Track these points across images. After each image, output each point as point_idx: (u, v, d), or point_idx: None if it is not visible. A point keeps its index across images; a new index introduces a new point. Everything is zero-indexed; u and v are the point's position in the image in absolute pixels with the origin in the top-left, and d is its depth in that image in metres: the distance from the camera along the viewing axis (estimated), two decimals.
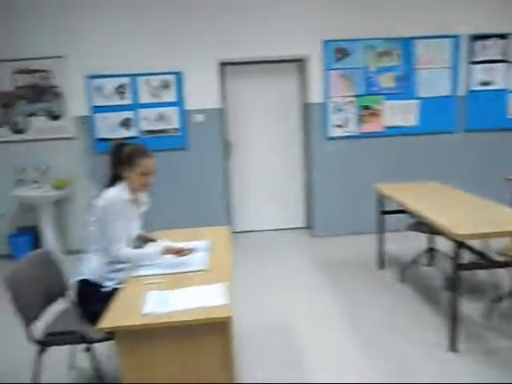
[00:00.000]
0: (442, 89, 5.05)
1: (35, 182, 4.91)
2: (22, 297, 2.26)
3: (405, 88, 5.04)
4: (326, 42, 4.90)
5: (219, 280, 2.11)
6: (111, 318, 1.84)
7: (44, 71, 4.81)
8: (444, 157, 5.16)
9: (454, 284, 2.74)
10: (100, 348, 2.44)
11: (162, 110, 4.91)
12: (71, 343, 2.32)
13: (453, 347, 2.79)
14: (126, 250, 2.41)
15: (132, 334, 1.80)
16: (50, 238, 4.90)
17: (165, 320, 1.78)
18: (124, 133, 4.92)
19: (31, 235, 5.05)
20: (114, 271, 2.47)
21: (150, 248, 2.52)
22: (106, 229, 2.37)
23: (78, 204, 5.11)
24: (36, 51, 4.75)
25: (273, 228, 5.56)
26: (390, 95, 5.04)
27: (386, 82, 5.02)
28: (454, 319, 2.77)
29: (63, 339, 2.31)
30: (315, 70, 4.97)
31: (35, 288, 2.39)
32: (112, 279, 2.45)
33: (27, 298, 2.29)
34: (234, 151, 5.39)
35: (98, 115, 4.91)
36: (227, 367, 1.84)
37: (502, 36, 5.03)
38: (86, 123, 4.93)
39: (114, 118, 4.92)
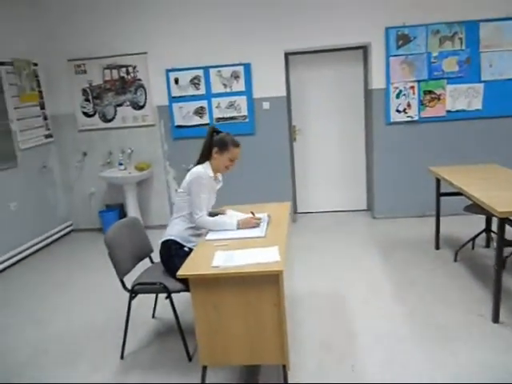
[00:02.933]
0: (508, 71, 5.00)
1: (121, 164, 5.58)
2: (117, 253, 2.80)
3: (469, 71, 5.05)
4: (388, 29, 5.04)
5: (274, 244, 2.49)
6: (188, 269, 2.29)
7: (129, 66, 5.43)
8: (507, 140, 5.11)
9: (498, 259, 2.91)
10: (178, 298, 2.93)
11: (232, 98, 5.36)
12: (155, 292, 2.83)
13: (495, 318, 2.96)
14: (207, 218, 2.87)
15: (203, 281, 2.24)
16: (133, 214, 5.55)
17: (229, 271, 2.20)
18: (198, 120, 5.43)
19: (118, 211, 5.75)
20: (194, 235, 2.95)
21: (227, 218, 2.94)
22: (193, 198, 2.85)
23: (157, 184, 5.73)
24: (122, 49, 5.38)
25: (334, 210, 5.84)
26: (453, 79, 5.08)
27: (449, 66, 5.06)
28: (497, 292, 2.94)
29: (149, 288, 2.83)
30: (377, 56, 5.14)
31: (127, 247, 2.93)
32: (192, 241, 2.93)
33: (121, 255, 2.83)
34: (298, 136, 5.73)
35: (175, 105, 5.46)
36: (279, 314, 2.22)
37: None
38: (165, 112, 5.50)
39: (189, 107, 5.44)
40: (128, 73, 5.46)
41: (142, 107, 5.54)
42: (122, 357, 2.90)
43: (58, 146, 5.77)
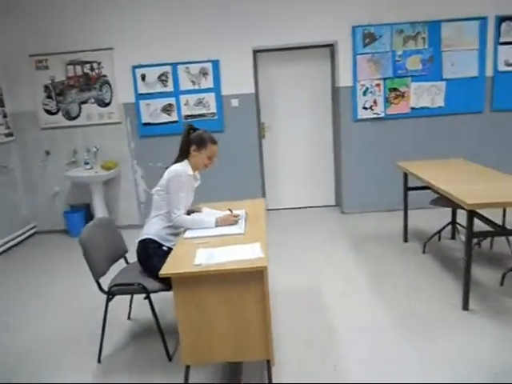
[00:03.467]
0: (469, 70, 5.21)
1: (86, 163, 5.41)
2: (93, 254, 2.72)
3: (431, 70, 5.22)
4: (354, 28, 5.14)
5: (255, 241, 2.50)
6: (169, 267, 2.26)
7: (94, 62, 5.28)
8: (470, 136, 5.33)
9: (467, 249, 3.03)
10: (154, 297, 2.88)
11: (200, 95, 5.31)
12: (133, 293, 2.77)
13: (465, 306, 3.10)
14: (185, 216, 2.84)
15: (186, 279, 2.21)
16: (100, 215, 5.40)
17: (212, 269, 2.18)
18: (166, 118, 5.35)
19: (84, 212, 5.59)
20: (172, 234, 2.91)
21: (205, 216, 2.91)
22: (171, 197, 2.80)
23: (125, 183, 5.61)
24: (86, 44, 5.21)
25: (303, 206, 5.91)
26: (417, 77, 5.24)
27: (413, 64, 5.22)
28: (467, 281, 3.06)
29: (127, 289, 2.76)
30: (344, 54, 5.23)
31: (102, 248, 2.86)
32: (170, 241, 2.89)
33: (96, 256, 2.75)
34: (267, 133, 5.75)
35: (142, 102, 5.35)
36: (264, 310, 2.23)
37: None
38: (132, 110, 5.38)
39: (157, 105, 5.35)
40: (92, 69, 5.31)
41: (107, 104, 5.40)
42: (99, 360, 2.82)
43: (19, 145, 5.53)
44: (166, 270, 2.23)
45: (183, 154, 2.94)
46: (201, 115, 5.35)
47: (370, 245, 4.50)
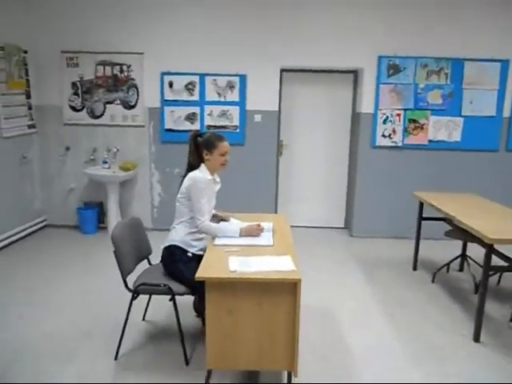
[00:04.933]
0: (487, 109, 5.36)
1: (105, 162, 5.48)
2: (123, 252, 2.77)
3: (451, 105, 5.37)
4: (380, 58, 5.29)
5: (285, 253, 2.57)
6: (204, 272, 2.32)
7: (124, 65, 5.39)
8: (484, 173, 5.45)
9: (483, 282, 3.11)
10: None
11: (225, 107, 5.42)
12: (159, 293, 2.80)
13: (476, 338, 3.16)
14: (210, 223, 2.90)
15: (220, 285, 2.28)
16: (113, 214, 5.46)
17: (248, 276, 2.25)
18: (189, 126, 5.44)
19: (97, 210, 5.64)
20: (196, 240, 2.96)
21: (230, 225, 2.99)
22: (194, 203, 2.86)
23: (141, 186, 5.67)
24: (118, 46, 5.33)
25: (312, 225, 5.98)
26: (436, 111, 5.38)
27: (434, 98, 5.37)
28: (479, 314, 3.14)
29: (153, 289, 2.81)
30: (368, 82, 5.37)
31: (130, 247, 2.91)
32: (194, 246, 2.95)
33: (126, 254, 2.81)
34: (284, 151, 5.85)
35: (167, 108, 5.45)
36: (294, 322, 2.29)
37: None
38: (156, 114, 5.48)
39: (181, 112, 5.45)
40: (122, 71, 5.42)
41: (132, 107, 5.50)
42: (116, 357, 2.86)
43: (40, 138, 5.60)
44: (201, 274, 2.29)
45: (196, 162, 2.96)
46: (223, 127, 5.45)
47: (380, 270, 4.57)
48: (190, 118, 5.46)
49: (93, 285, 4.02)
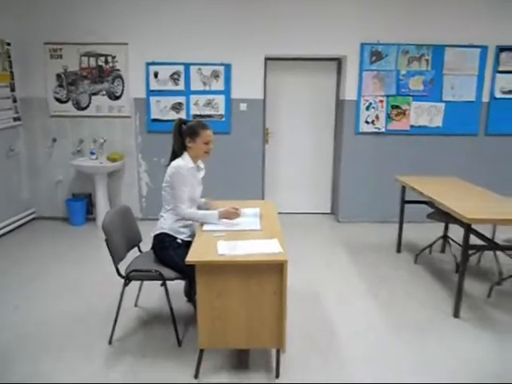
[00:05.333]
0: (467, 94, 5.49)
1: (92, 153, 5.51)
2: (114, 240, 2.85)
3: (432, 91, 5.49)
4: (363, 45, 5.37)
5: (272, 237, 2.66)
6: (195, 256, 2.41)
7: (108, 56, 5.39)
8: (465, 157, 5.61)
9: (463, 261, 3.25)
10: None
11: (210, 97, 5.47)
12: (150, 279, 2.89)
13: (456, 313, 3.31)
14: (189, 210, 2.96)
15: (210, 268, 2.37)
16: (102, 205, 5.50)
17: (237, 259, 2.34)
18: (174, 115, 5.48)
19: (85, 201, 5.68)
20: (184, 226, 3.04)
21: (210, 211, 3.05)
22: (175, 192, 2.92)
23: (128, 176, 5.71)
24: (102, 37, 5.33)
25: (300, 211, 6.10)
26: (418, 97, 5.50)
27: (415, 84, 5.48)
28: (459, 291, 3.28)
29: (145, 275, 2.90)
30: (351, 69, 5.45)
31: (121, 234, 2.98)
32: (183, 233, 3.03)
33: (117, 242, 2.88)
34: (270, 139, 5.93)
35: (153, 98, 5.48)
36: (281, 302, 2.39)
37: None
38: (142, 105, 5.51)
39: (167, 102, 5.49)
40: (107, 62, 5.42)
41: (118, 98, 5.51)
42: (110, 342, 2.94)
43: (26, 130, 5.59)
44: (191, 258, 2.38)
45: (179, 149, 3.02)
46: (209, 116, 5.51)
47: (365, 253, 4.70)
48: (176, 107, 5.50)
49: (84, 274, 4.08)
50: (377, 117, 5.54)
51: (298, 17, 5.31)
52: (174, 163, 2.97)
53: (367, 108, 5.52)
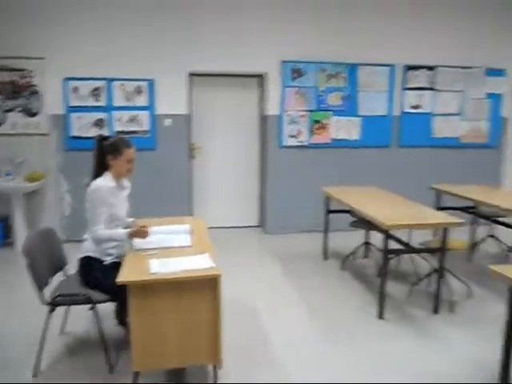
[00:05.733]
0: (380, 109, 5.92)
1: (8, 174, 5.17)
2: (36, 264, 2.70)
3: (349, 106, 5.84)
4: (284, 62, 5.60)
5: (203, 252, 2.68)
6: (126, 276, 2.35)
7: (24, 70, 5.12)
8: (381, 167, 6.01)
9: (383, 265, 3.47)
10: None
11: (134, 112, 5.38)
12: (78, 303, 2.76)
13: (380, 315, 3.52)
14: (102, 231, 2.81)
15: (142, 287, 2.32)
16: (20, 228, 5.17)
17: (169, 277, 2.32)
18: (96, 132, 5.31)
19: (2, 224, 5.30)
20: (111, 248, 2.95)
21: (120, 231, 2.91)
22: (91, 212, 2.81)
23: (49, 196, 5.43)
24: (17, 51, 5.06)
25: (228, 226, 6.14)
26: (337, 112, 5.83)
27: (334, 100, 5.80)
28: (382, 293, 3.50)
29: (72, 300, 2.77)
30: (273, 85, 5.66)
31: (45, 257, 2.83)
32: (110, 254, 2.94)
33: (40, 266, 2.73)
34: (197, 154, 5.94)
35: (73, 115, 5.29)
36: (216, 316, 2.40)
37: (430, 68, 5.98)
38: (60, 121, 5.28)
39: (88, 118, 5.32)
40: (22, 77, 5.14)
41: (35, 114, 5.24)
42: (34, 374, 2.76)
43: None
44: (122, 279, 2.32)
45: (101, 167, 2.92)
46: (133, 132, 5.41)
47: (294, 262, 4.85)
48: (98, 124, 5.35)
49: (3, 303, 3.80)
50: (300, 131, 5.77)
51: (220, 34, 5.43)
52: (94, 183, 2.86)
53: (290, 122, 5.74)
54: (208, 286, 2.38)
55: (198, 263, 2.49)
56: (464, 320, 3.54)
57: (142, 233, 2.85)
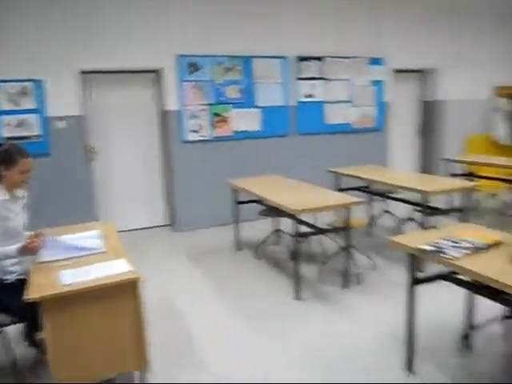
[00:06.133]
0: (277, 100, 6.13)
1: None
2: None
3: (247, 98, 5.96)
4: (180, 57, 5.54)
5: (118, 257, 2.59)
6: (35, 292, 2.18)
7: None
8: (283, 156, 6.24)
9: (295, 249, 3.64)
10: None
11: (22, 116, 4.96)
12: None
13: (296, 296, 3.70)
14: None
15: (56, 300, 2.18)
16: None
17: (85, 286, 2.21)
18: None
19: None
20: (13, 264, 2.71)
21: (11, 247, 2.58)
22: None
23: None
24: None
25: (137, 227, 5.96)
26: (236, 104, 5.92)
27: (232, 93, 5.88)
28: (296, 276, 3.68)
29: None
30: (170, 80, 5.57)
31: None
32: (13, 272, 2.70)
33: None
34: (97, 156, 5.66)
35: None
36: (138, 321, 2.34)
37: (319, 58, 6.32)
38: None
39: None
40: None
41: None
42: None
43: None
44: (32, 295, 2.16)
45: None
46: (24, 137, 4.98)
47: (209, 257, 4.87)
48: None
49: None
50: (201, 125, 5.77)
51: (111, 29, 5.20)
52: None
53: (191, 117, 5.70)
54: (127, 290, 2.31)
55: (115, 268, 2.40)
56: (371, 289, 3.86)
57: (31, 248, 2.53)
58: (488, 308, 2.70)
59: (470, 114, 7.50)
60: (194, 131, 5.76)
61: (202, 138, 5.82)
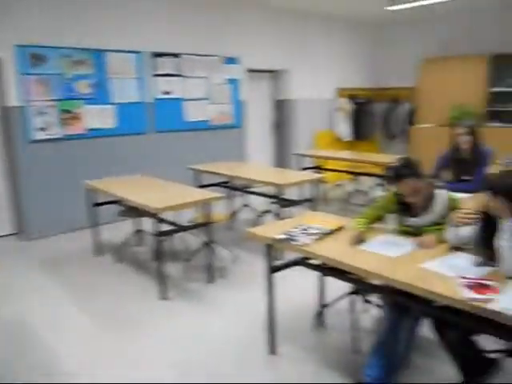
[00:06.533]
0: (133, 96, 5.94)
1: None
2: None
3: (100, 94, 5.66)
4: (19, 47, 5.00)
5: None
6: None
7: None
8: (141, 154, 6.07)
9: (157, 248, 3.59)
10: None
11: None
12: None
13: (163, 296, 3.67)
14: None
15: None
16: None
17: None
18: None
19: None
20: None
21: None
22: None
23: None
24: None
25: None
26: (88, 100, 5.57)
27: (83, 88, 5.52)
28: (161, 276, 3.63)
29: None
30: (10, 73, 5.00)
31: None
32: None
33: None
34: None
35: None
36: None
37: (176, 55, 6.28)
38: None
39: None
40: None
41: None
42: None
43: None
44: None
45: None
46: None
47: (65, 265, 4.50)
48: None
49: None
50: (50, 123, 5.31)
51: None
52: None
53: (38, 114, 5.21)
54: None
55: None
56: (234, 282, 4.00)
57: None
58: (338, 287, 3.00)
59: (317, 113, 8.23)
60: (42, 129, 5.27)
61: (51, 137, 5.35)
